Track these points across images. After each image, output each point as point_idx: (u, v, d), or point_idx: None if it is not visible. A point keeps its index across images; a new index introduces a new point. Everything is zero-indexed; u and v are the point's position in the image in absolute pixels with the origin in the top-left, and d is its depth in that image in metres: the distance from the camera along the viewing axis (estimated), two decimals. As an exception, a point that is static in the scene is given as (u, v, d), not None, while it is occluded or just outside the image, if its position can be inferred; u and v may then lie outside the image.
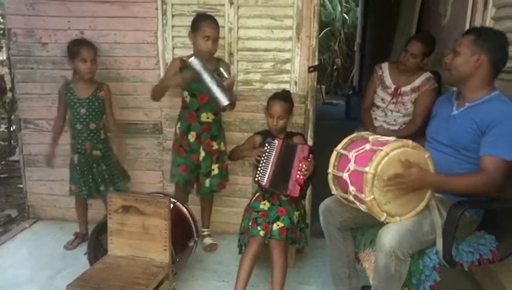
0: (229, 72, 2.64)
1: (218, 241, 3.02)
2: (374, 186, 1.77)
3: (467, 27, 2.75)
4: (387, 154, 1.77)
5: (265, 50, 2.94)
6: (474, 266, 1.94)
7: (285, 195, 2.47)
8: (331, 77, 10.36)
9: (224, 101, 2.41)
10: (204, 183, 2.80)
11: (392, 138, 1.90)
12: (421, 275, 1.85)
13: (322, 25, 9.26)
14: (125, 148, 2.99)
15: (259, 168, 2.53)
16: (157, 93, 2.67)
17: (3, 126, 6.30)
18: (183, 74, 2.57)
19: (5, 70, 5.09)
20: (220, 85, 2.43)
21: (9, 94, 5.08)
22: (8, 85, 4.79)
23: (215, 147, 2.80)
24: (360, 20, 8.82)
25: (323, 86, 9.32)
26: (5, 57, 4.66)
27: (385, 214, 1.83)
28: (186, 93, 2.71)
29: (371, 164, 1.76)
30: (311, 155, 2.43)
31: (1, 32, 4.91)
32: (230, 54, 2.94)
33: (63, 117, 2.87)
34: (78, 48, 2.72)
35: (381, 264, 1.82)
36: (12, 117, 3.99)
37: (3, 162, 5.02)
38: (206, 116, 2.74)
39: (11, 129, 5.27)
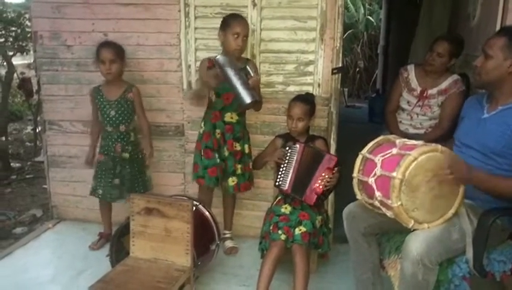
0: (256, 73, 2.62)
1: (239, 245, 3.00)
2: (401, 192, 1.71)
3: (498, 28, 2.65)
4: (415, 158, 1.71)
5: (288, 52, 2.90)
6: (507, 276, 1.86)
7: (301, 200, 2.45)
8: (354, 80, 10.21)
9: (247, 99, 2.37)
10: (228, 182, 2.78)
11: (420, 142, 1.84)
12: (450, 284, 1.79)
13: (344, 27, 9.14)
14: (151, 151, 2.94)
15: (280, 173, 2.50)
16: (199, 98, 2.70)
17: (30, 127, 6.44)
18: (213, 70, 2.52)
19: (32, 72, 5.20)
20: (244, 83, 2.40)
21: (35, 96, 5.19)
22: (35, 87, 4.88)
23: (238, 148, 2.78)
24: (384, 23, 8.68)
25: (345, 89, 9.19)
26: (32, 60, 4.77)
27: (413, 221, 1.77)
28: (212, 92, 2.69)
29: (399, 169, 1.71)
30: (336, 168, 2.38)
31: (28, 35, 5.01)
32: (253, 56, 2.91)
33: (98, 120, 2.88)
34: (98, 49, 2.74)
35: (407, 272, 1.77)
36: (38, 119, 4.08)
37: (29, 163, 5.12)
38: (230, 116, 2.73)
39: (37, 130, 5.37)
